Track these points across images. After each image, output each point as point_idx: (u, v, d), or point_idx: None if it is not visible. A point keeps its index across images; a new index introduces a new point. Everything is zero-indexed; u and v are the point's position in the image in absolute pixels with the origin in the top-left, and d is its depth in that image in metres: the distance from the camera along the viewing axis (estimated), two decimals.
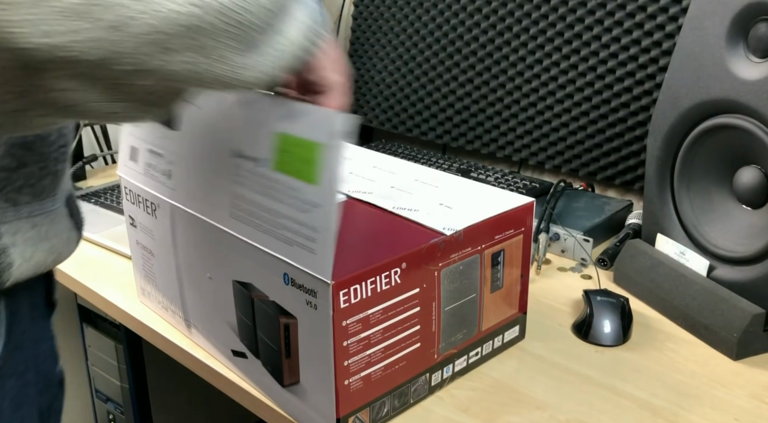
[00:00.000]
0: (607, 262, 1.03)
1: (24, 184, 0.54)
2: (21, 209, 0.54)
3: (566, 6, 1.24)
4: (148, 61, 0.39)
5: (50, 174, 0.57)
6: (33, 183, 0.55)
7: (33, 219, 0.55)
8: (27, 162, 0.55)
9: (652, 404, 0.73)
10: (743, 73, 0.80)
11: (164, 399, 1.36)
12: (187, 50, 0.40)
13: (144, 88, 0.41)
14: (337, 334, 0.62)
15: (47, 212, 0.57)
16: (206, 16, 0.39)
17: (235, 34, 0.42)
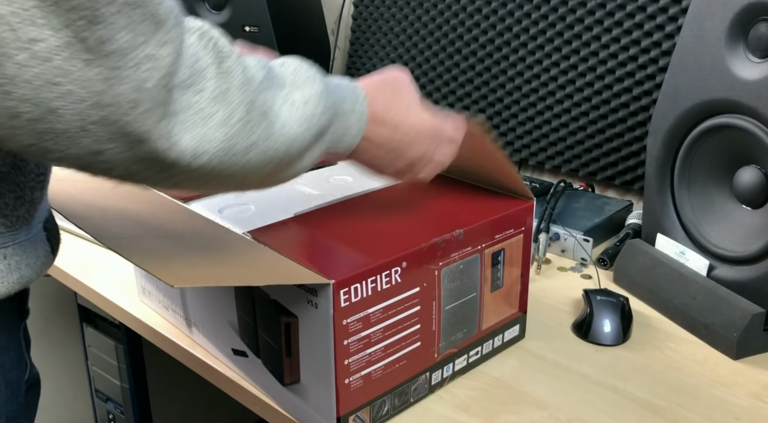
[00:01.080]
0: (607, 262, 1.03)
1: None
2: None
3: (566, 6, 1.24)
4: (116, 177, 0.47)
5: (26, 203, 0.56)
6: (6, 214, 0.54)
7: (3, 250, 0.54)
8: (2, 193, 0.53)
9: (652, 403, 0.73)
10: (743, 73, 0.81)
11: (164, 399, 1.36)
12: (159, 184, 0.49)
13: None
14: (337, 332, 0.63)
15: (20, 242, 0.55)
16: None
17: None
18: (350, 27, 1.63)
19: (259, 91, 0.50)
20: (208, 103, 0.46)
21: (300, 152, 0.55)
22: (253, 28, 1.39)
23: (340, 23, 1.65)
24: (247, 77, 0.49)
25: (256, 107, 0.50)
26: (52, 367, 1.63)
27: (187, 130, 0.46)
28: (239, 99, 0.48)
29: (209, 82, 0.47)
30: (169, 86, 0.44)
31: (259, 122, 0.50)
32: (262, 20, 1.38)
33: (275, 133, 0.51)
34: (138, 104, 0.43)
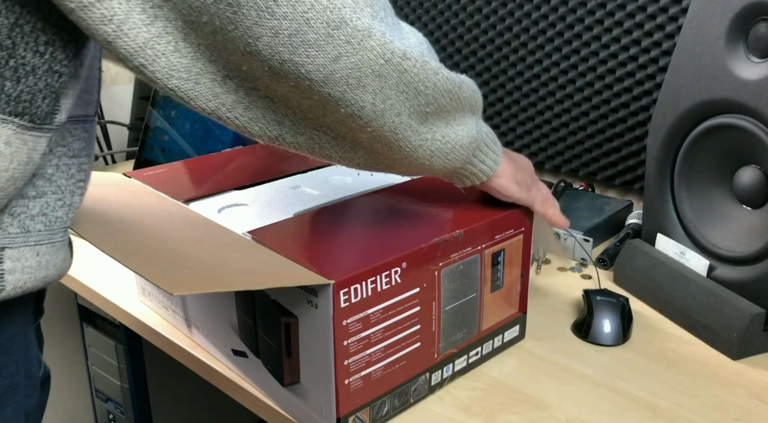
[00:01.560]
0: (607, 262, 1.03)
1: (39, 212, 0.56)
2: (30, 237, 0.55)
3: (566, 6, 1.24)
4: (346, 93, 0.54)
5: (65, 206, 0.58)
6: (47, 213, 0.56)
7: (39, 247, 0.56)
8: (45, 192, 0.56)
9: (652, 404, 0.73)
10: (743, 73, 0.80)
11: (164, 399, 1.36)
12: (374, 93, 0.55)
13: (336, 117, 0.56)
14: (337, 333, 0.63)
15: (54, 243, 0.58)
16: (389, 69, 0.55)
17: (407, 93, 0.57)
18: None
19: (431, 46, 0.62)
20: (407, 30, 0.57)
21: (461, 102, 0.63)
22: None
23: None
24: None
25: (433, 51, 0.60)
26: (52, 367, 1.63)
27: (395, 37, 0.54)
28: (423, 37, 0.60)
29: (397, 18, 0.57)
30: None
31: (436, 58, 0.60)
32: None
33: (450, 71, 0.61)
34: (357, 3, 0.51)
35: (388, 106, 0.56)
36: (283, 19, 0.49)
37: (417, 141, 0.60)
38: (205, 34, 0.50)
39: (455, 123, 0.63)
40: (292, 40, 0.50)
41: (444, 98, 0.60)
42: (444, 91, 0.60)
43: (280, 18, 0.49)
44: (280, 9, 0.49)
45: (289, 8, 0.49)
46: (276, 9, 0.49)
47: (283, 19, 0.49)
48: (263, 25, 0.49)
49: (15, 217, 0.53)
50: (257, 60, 0.51)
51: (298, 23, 0.49)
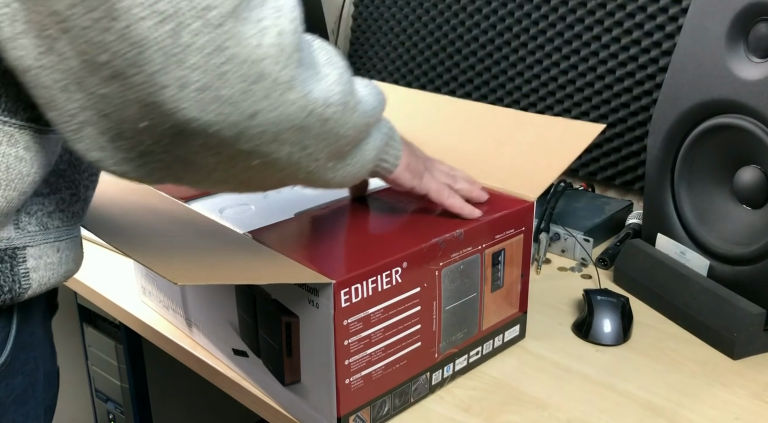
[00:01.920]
0: (607, 262, 1.03)
1: (55, 209, 0.56)
2: (50, 234, 0.55)
3: (566, 6, 1.24)
4: (261, 146, 0.49)
5: (80, 200, 0.58)
6: (63, 208, 0.56)
7: (59, 243, 0.56)
8: (59, 188, 0.56)
9: (653, 403, 0.73)
10: (743, 73, 0.81)
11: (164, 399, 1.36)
12: (291, 145, 0.51)
13: (247, 167, 0.51)
14: (338, 332, 0.63)
15: (72, 238, 0.58)
16: (311, 121, 0.50)
17: (328, 139, 0.54)
18: (350, 27, 1.63)
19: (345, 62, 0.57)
20: (322, 66, 0.52)
21: (373, 123, 0.60)
22: None
23: (340, 23, 1.65)
24: (339, 51, 0.56)
25: (349, 73, 0.56)
26: None
27: (315, 82, 0.50)
28: (342, 64, 0.54)
29: (314, 50, 0.52)
30: (297, 33, 0.47)
31: (353, 83, 0.56)
32: None
33: (361, 97, 0.58)
34: (283, 50, 0.46)
35: (305, 155, 0.53)
36: (193, 70, 0.42)
37: (330, 175, 0.59)
38: (101, 79, 0.43)
39: (365, 145, 0.61)
40: (201, 95, 0.43)
41: (362, 132, 0.58)
42: (362, 126, 0.58)
43: (189, 69, 0.42)
44: (190, 58, 0.42)
45: (202, 58, 0.42)
46: (186, 58, 0.42)
47: (192, 70, 0.42)
48: (169, 73, 0.42)
49: (32, 215, 0.54)
50: (158, 114, 0.44)
51: (211, 77, 0.43)
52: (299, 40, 0.47)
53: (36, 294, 0.55)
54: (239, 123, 0.46)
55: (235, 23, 0.43)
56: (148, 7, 0.40)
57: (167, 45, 0.41)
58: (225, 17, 0.42)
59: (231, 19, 0.42)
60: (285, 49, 0.46)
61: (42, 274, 0.55)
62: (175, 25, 0.41)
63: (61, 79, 0.43)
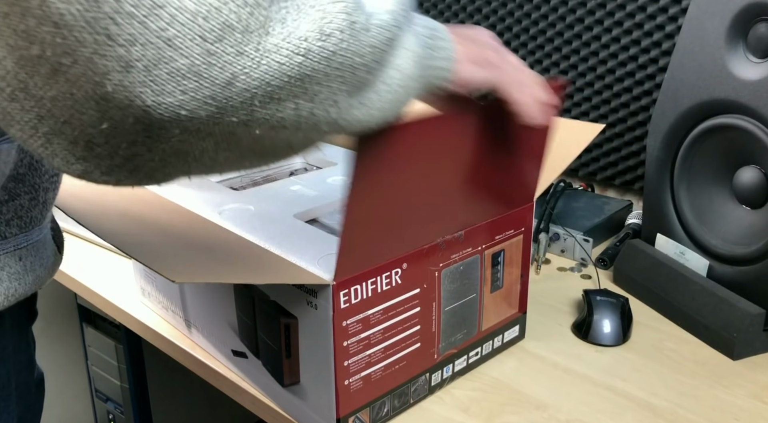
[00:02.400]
0: (607, 262, 1.03)
1: (13, 216, 0.53)
2: (8, 243, 0.53)
3: (566, 6, 1.24)
4: (255, 111, 0.38)
5: (39, 204, 0.56)
6: (22, 215, 0.54)
7: (19, 252, 0.54)
8: (18, 194, 0.53)
9: (652, 404, 0.73)
10: (743, 73, 0.80)
11: (164, 399, 1.36)
12: (295, 98, 0.39)
13: (253, 138, 0.41)
14: (337, 334, 0.62)
15: (33, 243, 0.56)
16: (311, 63, 0.39)
17: (342, 76, 0.41)
18: None
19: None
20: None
21: (398, 34, 0.45)
22: None
23: None
24: None
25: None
26: (52, 367, 1.63)
27: (303, 13, 0.38)
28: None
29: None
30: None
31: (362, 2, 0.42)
32: None
33: (373, 7, 0.43)
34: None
35: (317, 103, 0.41)
36: (132, 44, 0.33)
37: (363, 112, 0.45)
38: (43, 78, 0.35)
39: (395, 58, 0.46)
40: (152, 73, 0.34)
41: (384, 52, 0.44)
42: (383, 45, 0.43)
43: (126, 44, 0.33)
44: (123, 31, 0.33)
45: (137, 28, 0.33)
46: (117, 31, 0.33)
47: (131, 44, 0.33)
48: (106, 54, 0.33)
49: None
50: (114, 110, 0.36)
51: (157, 48, 0.34)
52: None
53: (5, 307, 0.53)
54: (215, 96, 0.36)
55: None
56: None
57: (91, 19, 0.33)
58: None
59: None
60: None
61: (7, 286, 0.53)
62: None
63: (4, 86, 0.37)
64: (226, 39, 0.35)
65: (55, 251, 0.61)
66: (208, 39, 0.34)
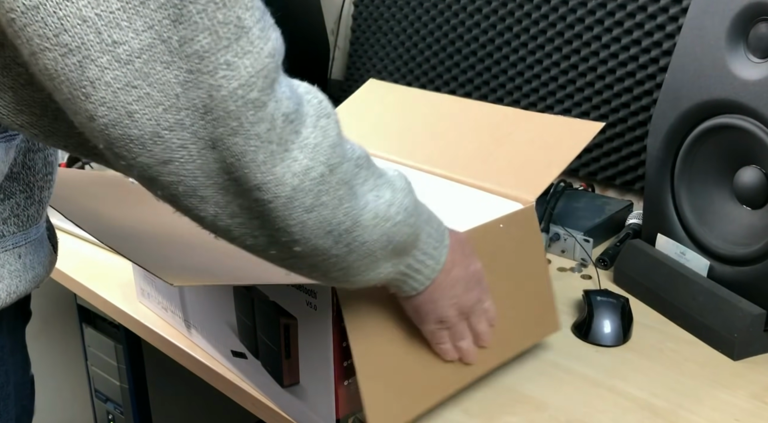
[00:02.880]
0: (607, 262, 1.03)
1: (10, 214, 0.54)
2: (6, 241, 0.54)
3: (566, 6, 1.24)
4: (180, 197, 0.45)
5: (35, 203, 0.57)
6: (18, 213, 0.55)
7: (18, 249, 0.55)
8: (13, 193, 0.54)
9: (652, 404, 0.73)
10: (743, 74, 0.80)
11: (164, 399, 1.36)
12: (219, 206, 0.45)
13: (177, 211, 0.47)
14: (336, 334, 0.62)
15: (32, 241, 0.57)
16: (242, 191, 0.45)
17: (271, 230, 0.46)
18: (350, 27, 1.63)
19: (352, 162, 0.48)
20: (297, 148, 0.44)
21: (367, 253, 0.50)
22: None
23: (340, 23, 1.65)
24: (342, 141, 0.47)
25: (340, 173, 0.47)
26: (52, 367, 1.63)
27: (265, 157, 0.43)
28: (325, 158, 0.45)
29: (303, 128, 0.45)
30: (246, 99, 0.41)
31: (336, 189, 0.47)
32: None
33: (346, 206, 0.48)
34: (209, 111, 0.41)
35: (236, 225, 0.47)
36: (101, 105, 0.40)
37: (281, 265, 0.52)
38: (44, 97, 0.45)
39: (354, 268, 0.51)
40: (110, 130, 0.41)
41: (324, 242, 0.48)
42: (321, 236, 0.48)
43: (96, 103, 0.40)
44: (96, 93, 0.40)
45: (109, 95, 0.40)
46: (91, 91, 0.40)
47: (100, 105, 0.40)
48: (77, 104, 0.40)
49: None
50: (84, 132, 0.43)
51: (119, 114, 0.40)
52: (264, 102, 0.42)
53: (7, 304, 0.54)
54: (151, 166, 0.42)
55: (148, 63, 0.39)
56: (52, 38, 0.38)
57: (73, 78, 0.39)
58: (134, 55, 0.39)
59: (143, 58, 0.39)
60: (217, 110, 0.41)
61: (8, 283, 0.54)
62: (81, 58, 0.39)
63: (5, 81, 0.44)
64: (174, 132, 0.41)
65: (51, 250, 0.62)
66: (161, 125, 0.41)
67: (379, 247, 0.51)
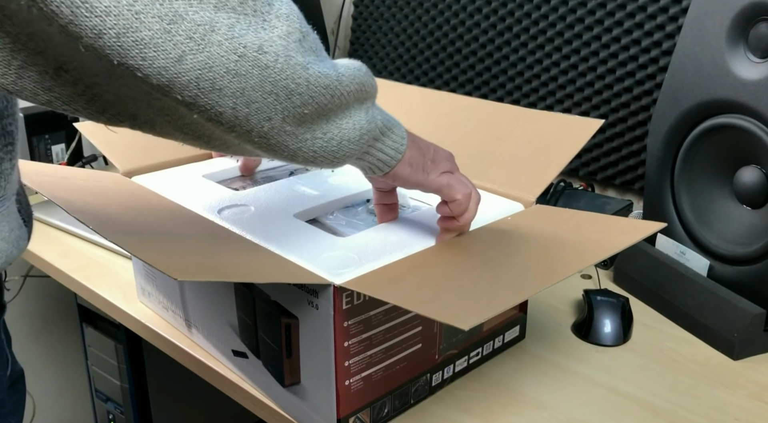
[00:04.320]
0: (607, 262, 1.03)
1: None
2: None
3: (566, 6, 1.24)
4: (199, 97, 0.46)
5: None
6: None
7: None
8: None
9: (653, 404, 0.73)
10: (743, 73, 0.80)
11: (164, 399, 1.36)
12: (233, 97, 0.47)
13: (192, 120, 0.49)
14: (338, 334, 0.62)
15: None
16: (246, 66, 0.46)
17: (276, 94, 0.49)
18: (350, 27, 1.63)
19: (313, 34, 0.53)
20: (273, 17, 0.48)
21: (344, 96, 0.54)
22: None
23: (340, 23, 1.65)
24: (302, 16, 0.52)
25: (310, 39, 0.51)
26: (52, 368, 1.63)
27: (249, 28, 0.46)
28: (298, 25, 0.50)
29: (273, 0, 0.49)
30: None
31: (313, 49, 0.52)
32: None
33: (326, 63, 0.53)
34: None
35: (253, 111, 0.48)
36: (107, 15, 0.41)
37: (295, 144, 0.53)
38: (20, 21, 0.43)
39: (338, 118, 0.55)
40: (121, 40, 0.42)
41: (323, 96, 0.52)
42: (320, 88, 0.51)
43: (102, 15, 0.41)
44: (101, 3, 0.41)
45: (113, 2, 0.41)
46: (96, 4, 0.41)
47: (106, 15, 0.41)
48: (81, 24, 0.41)
49: None
50: (88, 56, 0.44)
51: (126, 19, 0.42)
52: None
53: None
54: (167, 68, 0.44)
55: None
56: None
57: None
58: None
59: None
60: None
61: None
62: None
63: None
64: (178, 23, 0.43)
65: (21, 224, 0.59)
66: (165, 19, 0.42)
67: (353, 90, 0.55)
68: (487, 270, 0.63)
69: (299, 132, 0.52)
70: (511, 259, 0.65)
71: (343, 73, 0.54)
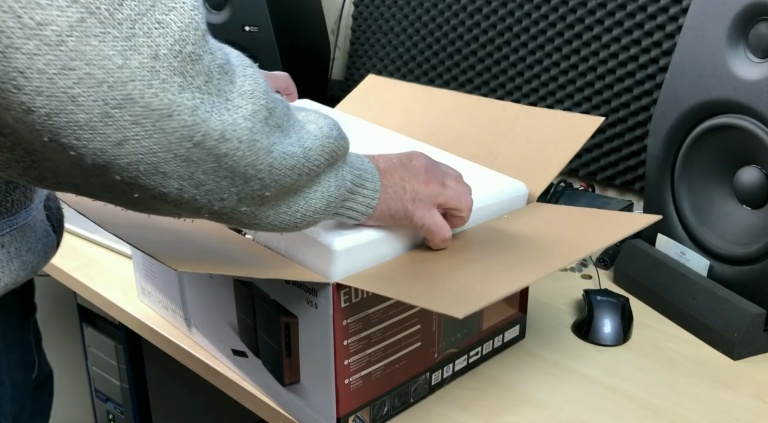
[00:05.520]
0: (607, 262, 1.03)
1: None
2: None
3: (566, 6, 1.24)
4: (139, 178, 0.42)
5: (20, 186, 0.53)
6: (0, 199, 0.52)
7: (1, 239, 0.52)
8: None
9: (653, 404, 0.73)
10: (743, 73, 0.80)
11: (164, 399, 1.36)
12: (180, 179, 0.44)
13: (133, 198, 0.45)
14: (337, 333, 0.62)
15: (18, 227, 0.54)
16: (199, 153, 0.43)
17: (232, 179, 0.46)
18: (350, 27, 1.63)
19: (282, 104, 0.49)
20: (237, 96, 0.44)
21: (312, 170, 0.51)
22: (253, 28, 1.39)
23: (340, 23, 1.65)
24: (268, 87, 0.48)
25: (277, 114, 0.48)
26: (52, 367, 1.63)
27: (212, 111, 0.43)
28: (264, 101, 0.46)
29: (236, 77, 0.45)
30: (183, 55, 0.40)
31: (279, 125, 0.48)
32: (262, 20, 1.37)
33: (293, 138, 0.49)
34: (156, 74, 0.39)
35: (203, 192, 0.45)
36: (37, 95, 0.37)
37: (252, 220, 0.51)
38: None
39: (306, 190, 0.53)
40: (53, 119, 0.38)
41: (288, 177, 0.49)
42: (286, 170, 0.48)
43: (31, 93, 0.37)
44: (30, 83, 0.37)
45: (45, 82, 0.37)
46: (23, 82, 0.37)
47: (36, 95, 0.37)
48: (8, 99, 0.37)
49: None
50: (19, 128, 0.40)
51: (60, 101, 0.37)
52: (199, 55, 0.41)
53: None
54: (105, 150, 0.40)
55: (82, 39, 0.37)
56: None
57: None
58: (65, 34, 0.37)
59: (75, 35, 0.37)
60: (163, 69, 0.40)
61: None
62: (4, 48, 0.36)
63: None
64: (126, 108, 0.39)
65: (49, 231, 0.58)
66: (110, 103, 0.39)
67: (323, 161, 0.52)
68: (483, 263, 0.64)
69: (259, 211, 0.50)
70: (506, 252, 0.65)
71: (311, 146, 0.51)
